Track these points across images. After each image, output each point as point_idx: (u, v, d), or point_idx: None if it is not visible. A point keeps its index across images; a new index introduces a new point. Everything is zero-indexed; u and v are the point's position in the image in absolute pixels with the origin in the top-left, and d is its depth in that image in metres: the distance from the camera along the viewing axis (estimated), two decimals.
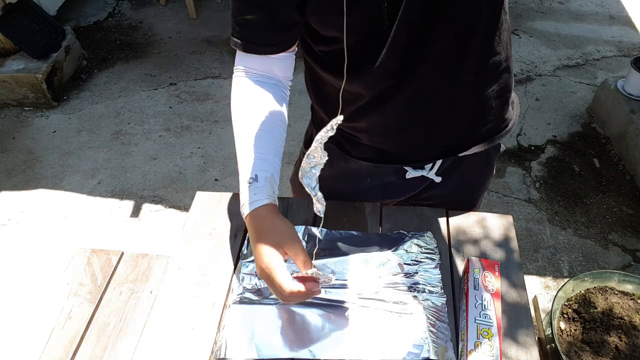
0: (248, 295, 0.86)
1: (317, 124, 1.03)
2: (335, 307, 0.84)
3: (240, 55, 0.82)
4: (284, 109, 0.85)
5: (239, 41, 0.79)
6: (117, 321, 0.87)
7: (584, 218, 2.17)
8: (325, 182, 1.05)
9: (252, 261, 0.90)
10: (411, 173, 0.98)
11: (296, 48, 0.83)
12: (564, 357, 1.32)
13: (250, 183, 0.77)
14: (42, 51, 2.73)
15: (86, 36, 3.34)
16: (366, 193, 1.05)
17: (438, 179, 0.99)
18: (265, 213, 0.75)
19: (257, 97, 0.82)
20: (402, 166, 0.98)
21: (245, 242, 0.94)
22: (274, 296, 0.82)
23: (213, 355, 0.80)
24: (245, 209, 0.77)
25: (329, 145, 0.99)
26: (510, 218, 1.02)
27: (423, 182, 1.02)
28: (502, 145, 1.04)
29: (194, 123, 2.70)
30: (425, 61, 0.76)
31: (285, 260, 0.74)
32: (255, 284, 0.88)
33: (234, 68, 0.84)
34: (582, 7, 3.59)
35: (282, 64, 0.83)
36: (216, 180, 2.39)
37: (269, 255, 0.72)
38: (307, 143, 1.09)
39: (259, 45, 0.78)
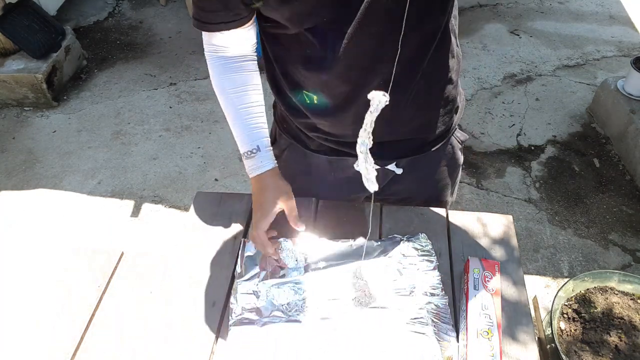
0: (248, 315, 0.85)
1: (278, 123, 1.06)
2: (339, 319, 0.84)
3: (205, 34, 0.88)
4: (257, 81, 0.93)
5: (198, 22, 0.84)
6: (117, 321, 0.87)
7: (584, 218, 2.17)
8: (289, 182, 1.05)
9: (249, 279, 0.90)
10: None
11: (254, 22, 0.85)
12: (563, 357, 1.32)
13: (254, 152, 0.92)
14: (42, 51, 2.73)
15: (86, 36, 3.34)
16: (333, 189, 1.07)
17: (399, 171, 1.01)
18: (269, 174, 0.93)
19: (234, 75, 0.90)
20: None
21: (239, 260, 0.93)
22: (275, 314, 0.85)
23: (214, 355, 0.80)
24: (252, 172, 0.93)
25: (288, 142, 1.03)
26: (510, 218, 1.02)
27: (387, 176, 1.03)
28: (464, 135, 1.08)
29: (194, 123, 2.70)
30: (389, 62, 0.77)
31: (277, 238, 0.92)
32: (255, 304, 0.87)
33: (204, 45, 0.90)
34: (582, 7, 3.59)
35: (245, 35, 0.87)
36: (216, 180, 2.39)
37: (266, 205, 0.90)
38: (272, 143, 1.08)
39: (215, 24, 0.83)
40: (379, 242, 0.95)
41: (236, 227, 0.99)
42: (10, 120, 2.74)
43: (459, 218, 1.01)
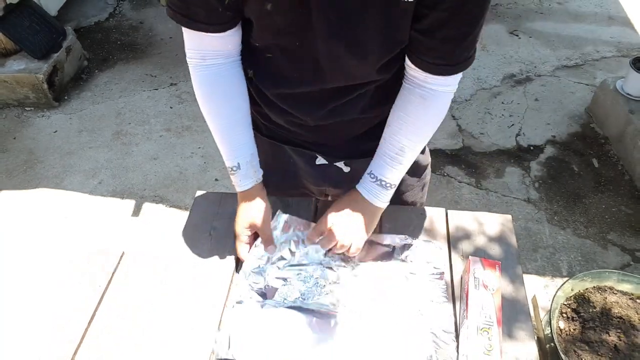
0: (253, 295, 0.87)
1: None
2: (340, 316, 0.84)
3: (189, 34, 0.79)
4: (244, 87, 0.89)
5: (184, 19, 0.75)
6: (117, 321, 0.87)
7: (583, 218, 2.17)
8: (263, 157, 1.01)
9: (259, 258, 0.92)
10: (320, 160, 1.01)
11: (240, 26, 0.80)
12: (563, 356, 1.33)
13: (235, 170, 0.91)
14: (43, 51, 2.73)
15: (87, 36, 3.35)
16: (296, 175, 1.08)
17: (347, 169, 1.01)
18: (248, 194, 0.93)
19: (219, 86, 0.86)
20: (309, 152, 1.00)
21: (259, 240, 0.95)
22: (279, 298, 0.86)
23: (214, 354, 0.80)
24: (235, 188, 0.94)
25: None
26: (509, 218, 1.02)
27: (340, 172, 1.02)
28: (426, 148, 1.04)
29: (195, 123, 2.71)
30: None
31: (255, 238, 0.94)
32: (261, 284, 0.89)
33: (187, 49, 0.82)
34: (581, 8, 3.59)
35: (232, 39, 0.81)
36: (216, 180, 2.39)
37: (241, 226, 0.93)
38: None
39: (207, 24, 0.75)
40: (389, 238, 0.96)
41: None
42: (11, 120, 2.74)
43: (458, 218, 1.02)
